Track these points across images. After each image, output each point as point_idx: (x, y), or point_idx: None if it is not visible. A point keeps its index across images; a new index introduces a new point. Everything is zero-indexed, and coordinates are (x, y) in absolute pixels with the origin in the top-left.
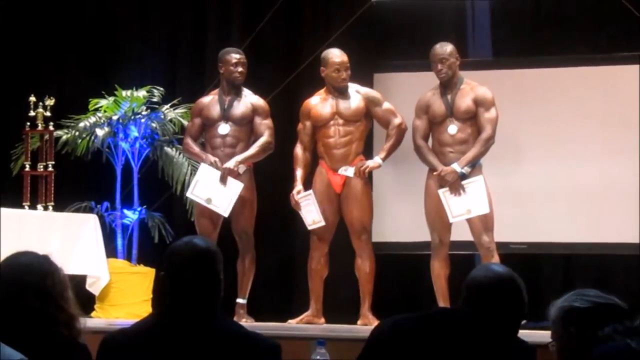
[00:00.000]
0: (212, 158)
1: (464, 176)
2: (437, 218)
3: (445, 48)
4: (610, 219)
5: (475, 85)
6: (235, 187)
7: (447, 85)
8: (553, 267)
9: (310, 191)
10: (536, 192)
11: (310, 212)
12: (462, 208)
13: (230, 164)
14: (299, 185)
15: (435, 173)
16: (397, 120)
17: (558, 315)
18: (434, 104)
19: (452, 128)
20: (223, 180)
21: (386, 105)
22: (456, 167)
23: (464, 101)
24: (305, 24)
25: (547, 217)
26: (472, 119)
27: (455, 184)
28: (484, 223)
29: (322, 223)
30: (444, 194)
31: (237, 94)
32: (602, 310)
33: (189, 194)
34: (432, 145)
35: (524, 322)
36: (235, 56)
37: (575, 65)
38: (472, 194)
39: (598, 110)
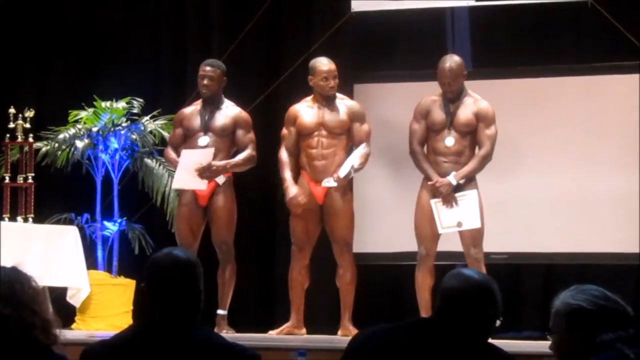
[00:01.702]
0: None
1: (457, 188)
2: (426, 229)
3: (450, 64)
4: (591, 229)
5: (478, 99)
6: (207, 154)
7: (451, 96)
8: (534, 277)
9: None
10: (517, 202)
11: None
12: (453, 220)
13: (218, 163)
14: (294, 187)
15: (430, 183)
16: (367, 149)
17: (562, 310)
18: (434, 112)
19: (449, 140)
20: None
21: (365, 127)
22: (452, 179)
23: (465, 114)
24: (286, 34)
25: (528, 227)
26: (471, 132)
27: (448, 196)
28: (474, 235)
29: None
30: (436, 204)
31: (219, 105)
32: (608, 315)
33: (174, 185)
34: (427, 153)
35: (498, 322)
36: (203, 68)
37: (555, 76)
38: (465, 208)
39: (578, 120)
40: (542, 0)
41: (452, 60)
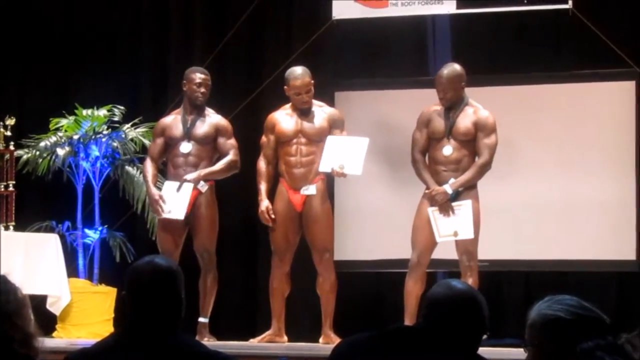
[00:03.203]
0: (155, 195)
1: (456, 196)
2: (422, 237)
3: (447, 72)
4: (572, 236)
5: (478, 109)
6: (187, 189)
7: (445, 104)
8: (515, 285)
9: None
10: (497, 210)
11: None
12: (449, 229)
13: (192, 176)
14: (266, 200)
15: (427, 191)
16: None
17: (539, 321)
18: (435, 121)
19: (447, 149)
20: (179, 188)
21: (345, 134)
22: (447, 188)
23: (465, 123)
24: (267, 42)
25: (508, 234)
26: (470, 141)
27: (445, 205)
28: (467, 245)
29: None
30: (433, 212)
31: (200, 113)
32: (585, 324)
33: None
34: (428, 162)
35: (485, 337)
36: (199, 76)
37: (536, 83)
38: (460, 217)
39: (559, 128)
40: (523, 7)
41: (450, 69)
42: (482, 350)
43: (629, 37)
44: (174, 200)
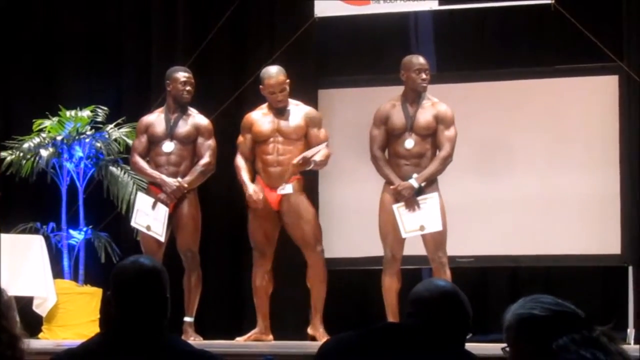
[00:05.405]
0: (167, 180)
1: (419, 191)
2: (391, 232)
3: (424, 60)
4: (557, 231)
5: (436, 102)
6: (162, 211)
7: (410, 99)
8: (500, 280)
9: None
10: (481, 205)
11: None
12: (415, 224)
13: (173, 182)
14: (251, 185)
15: (392, 187)
16: (328, 150)
17: (514, 321)
18: (394, 116)
19: (409, 142)
20: (154, 206)
21: (322, 132)
22: (413, 182)
23: (425, 116)
24: (249, 41)
25: (493, 229)
26: (431, 135)
27: (411, 200)
28: (437, 239)
29: None
30: (398, 209)
31: (183, 112)
32: (560, 319)
33: (132, 223)
34: (388, 157)
35: (469, 336)
36: (183, 74)
37: (518, 79)
38: (427, 211)
39: (542, 123)
40: (505, 3)
41: (417, 56)
42: (468, 346)
43: (612, 31)
44: (151, 216)
